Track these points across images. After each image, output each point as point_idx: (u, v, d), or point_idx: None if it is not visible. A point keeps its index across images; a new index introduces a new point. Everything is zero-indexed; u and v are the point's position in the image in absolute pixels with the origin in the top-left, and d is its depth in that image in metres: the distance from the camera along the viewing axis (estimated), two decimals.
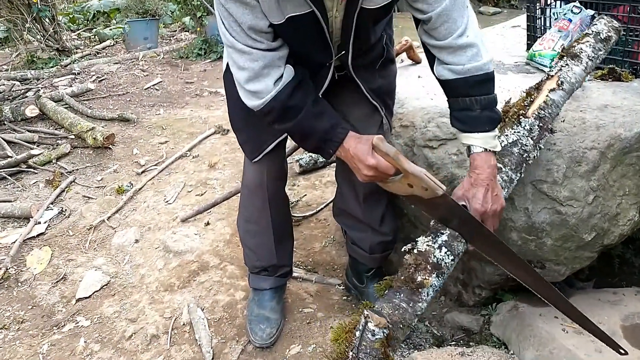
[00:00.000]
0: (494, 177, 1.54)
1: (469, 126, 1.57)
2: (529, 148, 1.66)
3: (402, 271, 1.50)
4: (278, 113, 1.54)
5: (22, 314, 2.44)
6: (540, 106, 1.69)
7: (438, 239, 1.53)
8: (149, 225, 2.98)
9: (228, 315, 2.29)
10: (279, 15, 1.44)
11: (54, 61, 5.74)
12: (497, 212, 1.55)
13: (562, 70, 1.71)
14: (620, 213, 1.80)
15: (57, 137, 4.08)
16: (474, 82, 1.54)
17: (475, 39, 1.53)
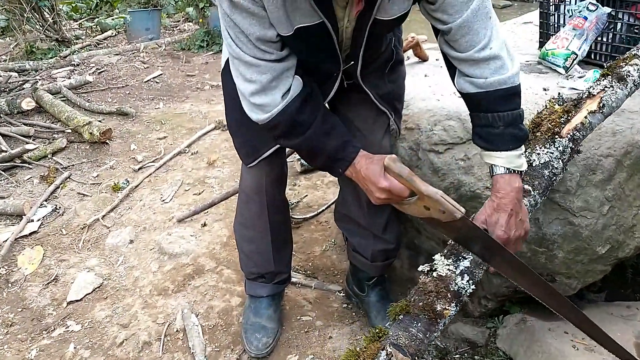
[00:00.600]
0: (519, 201, 1.43)
1: (492, 144, 1.45)
2: (558, 171, 1.56)
3: (421, 296, 1.41)
4: (285, 128, 1.44)
5: (12, 317, 2.36)
6: (577, 127, 1.57)
7: (460, 264, 1.44)
8: (145, 225, 2.89)
9: (223, 322, 2.21)
10: (287, 27, 1.34)
11: (53, 52, 5.64)
12: (521, 237, 1.45)
13: (605, 92, 1.57)
14: (636, 224, 1.71)
15: (54, 131, 3.99)
16: (497, 97, 1.42)
17: (500, 50, 1.41)
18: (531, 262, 1.73)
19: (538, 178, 1.53)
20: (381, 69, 1.75)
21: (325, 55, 1.49)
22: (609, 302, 2.02)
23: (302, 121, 1.43)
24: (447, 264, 1.45)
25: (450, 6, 1.36)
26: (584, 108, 1.57)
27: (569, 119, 1.57)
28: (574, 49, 2.15)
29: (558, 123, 1.56)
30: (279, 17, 1.31)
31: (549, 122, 1.58)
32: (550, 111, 1.61)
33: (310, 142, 1.46)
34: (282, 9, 1.30)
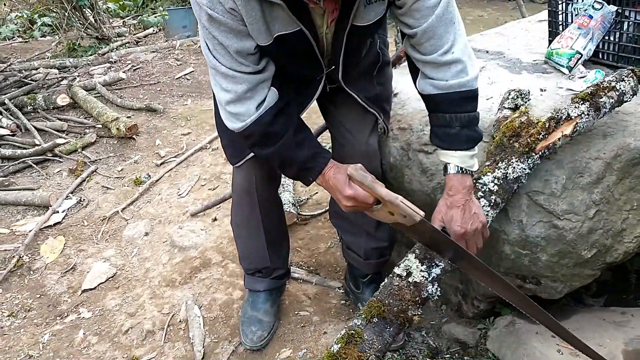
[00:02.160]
0: (469, 196, 1.49)
1: (447, 143, 1.52)
2: (523, 182, 1.62)
3: (396, 301, 1.48)
4: (258, 138, 1.50)
5: (30, 303, 2.50)
6: (549, 146, 1.59)
7: (432, 270, 1.52)
8: (160, 219, 2.99)
9: (224, 315, 2.27)
10: (267, 37, 1.39)
11: (92, 49, 5.85)
12: (479, 229, 1.49)
13: (582, 118, 1.58)
14: (626, 229, 1.67)
15: (85, 126, 4.15)
16: (455, 99, 1.48)
17: (461, 55, 1.47)
18: (515, 264, 1.72)
19: (507, 192, 1.59)
20: (369, 72, 1.78)
21: (307, 60, 1.53)
22: (604, 308, 1.98)
23: (275, 132, 1.48)
24: (422, 270, 1.51)
25: (417, 11, 1.41)
26: (560, 130, 1.58)
27: (546, 137, 1.57)
28: (578, 48, 2.11)
29: (536, 139, 1.58)
30: (258, 29, 1.36)
31: (528, 136, 1.59)
32: (529, 121, 1.61)
33: (282, 152, 1.51)
34: (261, 20, 1.34)
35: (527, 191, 1.65)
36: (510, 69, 2.23)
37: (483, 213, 1.51)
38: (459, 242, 1.50)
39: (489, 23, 6.83)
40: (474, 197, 1.52)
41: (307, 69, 1.60)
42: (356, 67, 1.71)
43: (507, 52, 2.46)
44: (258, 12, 1.33)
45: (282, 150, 1.50)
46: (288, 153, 1.50)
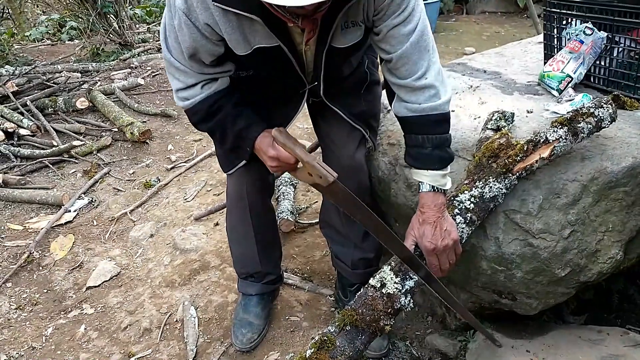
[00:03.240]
0: (441, 214, 1.57)
1: (420, 163, 1.61)
2: (501, 201, 1.68)
3: (369, 311, 1.56)
4: (203, 115, 1.64)
5: (37, 297, 2.61)
6: (526, 167, 1.65)
7: (406, 283, 1.60)
8: (166, 221, 3.10)
9: (218, 316, 2.36)
10: (245, 47, 1.50)
11: (115, 55, 6.03)
12: (449, 246, 1.57)
13: (559, 142, 1.65)
14: (600, 250, 1.72)
15: (102, 129, 4.29)
16: (428, 121, 1.57)
17: (435, 81, 1.56)
18: (491, 280, 1.78)
19: (484, 210, 1.65)
20: (356, 90, 1.87)
21: (287, 74, 1.63)
22: (582, 326, 2.02)
23: (217, 108, 1.62)
24: (395, 282, 1.57)
25: (393, 38, 1.50)
26: (538, 152, 1.64)
27: (524, 159, 1.64)
28: (569, 71, 2.17)
29: (514, 160, 1.64)
30: (236, 39, 1.46)
31: (506, 157, 1.65)
32: (509, 143, 1.68)
33: (221, 125, 1.65)
34: (238, 30, 1.44)
35: (505, 209, 1.71)
36: (503, 90, 2.29)
37: (456, 230, 1.58)
38: (429, 257, 1.58)
39: (506, 39, 6.86)
40: (447, 215, 1.59)
41: (289, 82, 1.69)
42: (340, 84, 1.80)
43: (503, 73, 2.53)
44: (235, 24, 1.43)
45: (222, 122, 1.64)
46: (226, 124, 1.64)
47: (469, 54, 6.29)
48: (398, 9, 1.47)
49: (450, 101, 1.59)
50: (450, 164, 1.64)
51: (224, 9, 1.37)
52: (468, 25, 7.68)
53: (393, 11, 1.47)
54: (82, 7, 6.08)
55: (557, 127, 1.68)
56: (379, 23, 1.51)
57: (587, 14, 2.16)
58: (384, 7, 1.47)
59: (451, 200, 1.66)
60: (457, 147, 1.90)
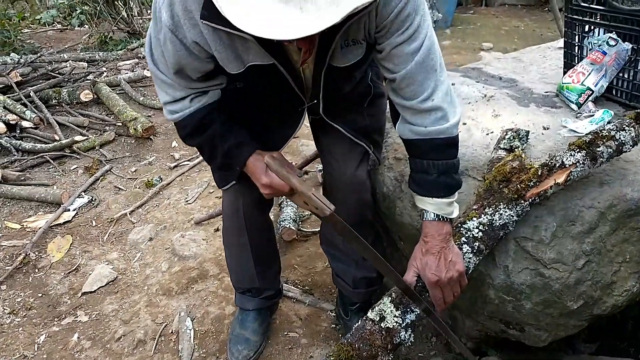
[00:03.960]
0: (446, 244, 1.46)
1: (424, 190, 1.50)
2: (511, 229, 1.57)
3: (366, 346, 1.47)
4: (191, 129, 1.55)
5: (32, 301, 2.55)
6: (540, 193, 1.54)
7: (407, 317, 1.51)
8: (166, 224, 3.02)
9: (214, 329, 2.29)
10: (238, 65, 1.40)
11: (123, 44, 5.94)
12: (454, 278, 1.46)
13: (576, 167, 1.53)
14: (616, 282, 1.62)
15: (106, 123, 4.22)
16: (434, 145, 1.46)
17: (442, 102, 1.44)
18: (499, 310, 1.68)
19: (493, 238, 1.54)
20: (358, 104, 1.77)
21: (284, 92, 1.52)
22: (593, 356, 1.92)
23: (206, 123, 1.54)
24: (396, 316, 1.49)
25: (396, 57, 1.39)
26: (553, 177, 1.53)
27: (537, 184, 1.53)
28: (589, 84, 2.04)
29: (527, 186, 1.53)
30: (227, 57, 1.36)
31: (518, 182, 1.54)
32: (522, 167, 1.57)
33: (210, 141, 1.56)
34: (230, 49, 1.34)
35: (515, 236, 1.60)
36: (519, 101, 2.17)
37: (462, 261, 1.48)
38: (432, 289, 1.48)
39: (525, 34, 6.69)
40: (453, 244, 1.49)
41: (286, 100, 1.59)
42: (341, 102, 1.69)
43: (520, 80, 2.41)
44: (227, 42, 1.33)
45: (211, 139, 1.56)
46: (216, 142, 1.55)
47: (486, 49, 6.13)
48: (402, 26, 1.35)
49: (459, 124, 1.48)
50: (458, 191, 1.54)
51: (213, 27, 1.27)
52: (486, 18, 7.49)
53: (397, 28, 1.36)
54: None
55: (574, 151, 1.56)
56: (382, 40, 1.40)
57: (611, 23, 2.03)
58: (386, 24, 1.35)
59: (458, 228, 1.55)
60: (467, 165, 1.79)
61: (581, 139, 1.59)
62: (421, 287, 1.52)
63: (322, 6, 1.01)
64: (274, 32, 1.02)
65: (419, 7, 1.36)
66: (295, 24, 1.01)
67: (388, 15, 1.33)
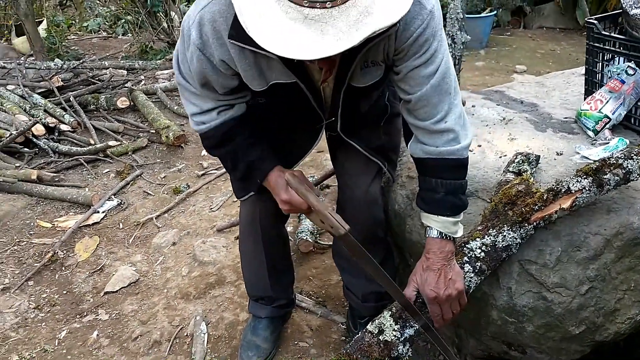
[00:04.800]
0: (448, 262, 1.50)
1: (431, 207, 1.55)
2: (515, 251, 1.60)
3: (363, 357, 1.52)
4: (216, 141, 1.62)
5: (56, 298, 2.66)
6: (545, 217, 1.57)
7: (405, 331, 1.54)
8: (189, 230, 3.11)
9: (227, 334, 2.35)
10: (261, 83, 1.48)
11: (162, 53, 6.12)
12: (452, 296, 1.50)
13: (582, 193, 1.56)
14: (620, 309, 1.62)
15: (140, 130, 4.36)
16: (444, 165, 1.52)
17: (454, 125, 1.50)
18: (501, 331, 1.70)
19: (495, 259, 1.57)
20: (375, 122, 1.82)
21: (305, 110, 1.59)
22: None
23: (231, 136, 1.60)
24: (394, 329, 1.52)
25: (412, 79, 1.44)
26: (558, 202, 1.56)
27: (542, 208, 1.55)
28: (607, 112, 2.06)
29: (531, 209, 1.56)
30: (252, 75, 1.43)
31: (523, 205, 1.57)
32: (527, 190, 1.59)
33: (233, 153, 1.63)
34: (255, 67, 1.42)
35: (520, 259, 1.63)
36: (536, 125, 2.19)
37: (462, 280, 1.51)
38: (430, 305, 1.52)
39: (561, 58, 6.63)
40: (454, 263, 1.52)
41: (306, 117, 1.66)
42: (358, 120, 1.75)
43: (541, 105, 2.42)
44: (252, 60, 1.41)
45: (234, 151, 1.62)
46: (239, 154, 1.62)
47: (519, 72, 6.10)
48: (420, 50, 1.40)
49: (469, 146, 1.53)
50: (464, 212, 1.58)
51: (240, 46, 1.34)
52: (523, 40, 7.45)
53: (414, 52, 1.41)
54: (133, 4, 6.20)
55: (581, 177, 1.58)
56: (400, 63, 1.46)
57: (631, 52, 2.04)
58: (405, 47, 1.41)
59: (461, 247, 1.59)
60: (477, 187, 1.82)
61: (588, 166, 1.61)
62: (421, 303, 1.56)
63: (343, 29, 1.08)
64: (295, 52, 1.09)
65: (437, 32, 1.41)
66: (315, 45, 1.08)
67: (407, 39, 1.38)
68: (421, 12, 1.35)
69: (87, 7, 9.26)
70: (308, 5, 1.07)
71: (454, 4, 3.14)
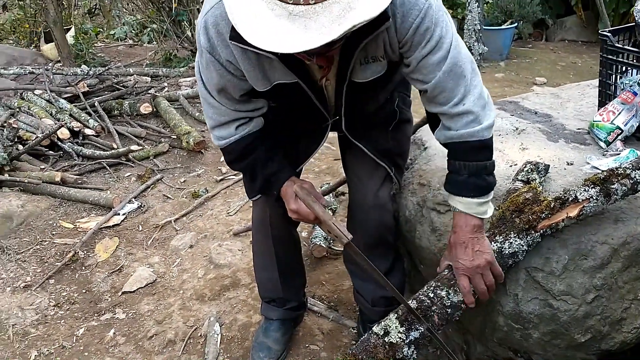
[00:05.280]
0: (475, 234, 1.56)
1: (455, 189, 1.60)
2: (521, 258, 1.63)
3: (368, 358, 1.55)
4: (236, 155, 1.69)
5: (75, 296, 2.74)
6: (551, 225, 1.60)
7: (411, 333, 1.58)
8: (206, 233, 3.17)
9: (240, 336, 2.39)
10: (265, 83, 1.54)
11: (185, 61, 6.23)
12: (481, 266, 1.54)
13: (589, 202, 1.58)
14: (626, 318, 1.63)
15: (162, 135, 4.45)
16: (466, 148, 1.56)
17: (473, 106, 1.52)
18: (507, 337, 1.72)
19: (501, 265, 1.59)
20: (383, 126, 1.86)
21: (308, 109, 1.64)
22: None
23: (250, 150, 1.67)
24: (400, 332, 1.55)
25: (424, 68, 1.48)
26: (565, 211, 1.58)
27: (549, 216, 1.58)
28: (619, 123, 2.07)
29: (538, 217, 1.59)
30: (255, 76, 1.49)
31: (530, 213, 1.60)
32: (535, 198, 1.62)
33: (252, 167, 1.70)
34: (258, 67, 1.48)
35: (527, 266, 1.65)
36: (549, 136, 2.21)
37: (491, 252, 1.56)
38: (459, 278, 1.58)
39: (582, 71, 6.60)
40: (483, 236, 1.57)
41: (310, 116, 1.71)
42: (366, 120, 1.80)
43: (555, 116, 2.44)
44: (255, 61, 1.46)
45: (253, 165, 1.69)
46: (257, 168, 1.69)
47: (539, 84, 6.09)
48: (423, 39, 1.44)
49: (492, 127, 1.56)
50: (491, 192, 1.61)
51: (242, 47, 1.40)
52: (544, 53, 7.42)
53: (419, 42, 1.45)
54: (158, 13, 6.35)
55: (588, 187, 1.60)
56: (409, 55, 1.49)
57: None
58: (407, 39, 1.45)
59: None
60: None
61: (596, 176, 1.63)
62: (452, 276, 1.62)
63: (325, 24, 1.14)
64: (278, 46, 1.16)
65: (438, 19, 1.44)
66: (298, 39, 1.15)
67: (407, 31, 1.43)
68: (417, 3, 1.39)
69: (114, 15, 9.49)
70: (292, 2, 1.14)
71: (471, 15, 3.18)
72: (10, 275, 2.89)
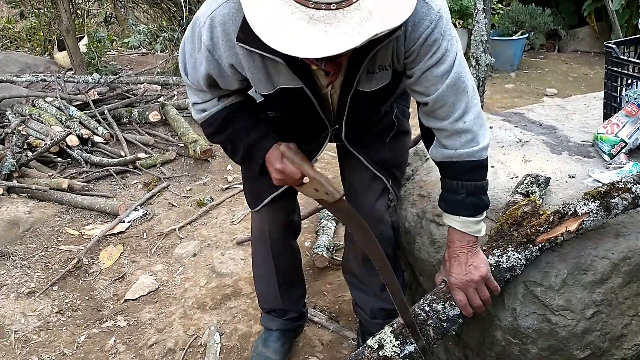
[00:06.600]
0: (470, 249, 1.55)
1: (452, 208, 1.58)
2: (519, 272, 1.61)
3: None
4: (217, 126, 1.64)
5: (78, 303, 2.75)
6: (550, 239, 1.58)
7: (405, 347, 1.55)
8: (209, 242, 3.17)
9: (240, 345, 2.39)
10: (268, 87, 1.51)
11: None
12: (475, 281, 1.53)
13: (589, 217, 1.55)
14: (626, 335, 1.60)
15: (169, 143, 4.47)
16: (463, 168, 1.54)
17: (473, 125, 1.51)
18: (505, 351, 1.69)
19: (499, 279, 1.58)
20: (381, 137, 1.84)
21: (310, 115, 1.62)
22: None
23: (231, 118, 1.62)
24: (394, 345, 1.54)
25: (427, 80, 1.46)
26: (564, 225, 1.56)
27: (548, 230, 1.56)
28: (623, 136, 2.04)
29: (537, 231, 1.56)
30: (260, 79, 1.48)
31: (529, 227, 1.58)
32: (534, 212, 1.60)
33: (233, 136, 1.64)
34: (262, 70, 1.46)
35: (525, 280, 1.62)
36: (552, 148, 2.19)
37: (486, 267, 1.54)
38: (453, 292, 1.57)
39: (593, 82, 6.54)
40: (478, 250, 1.56)
41: (311, 123, 1.69)
42: (365, 130, 1.78)
43: (559, 128, 2.41)
44: (260, 64, 1.45)
45: (234, 135, 1.63)
46: (239, 136, 1.63)
47: (549, 95, 6.05)
48: (430, 50, 1.42)
49: (488, 147, 1.55)
50: (486, 211, 1.61)
51: (248, 49, 1.39)
52: (555, 64, 7.38)
53: (425, 52, 1.43)
54: (170, 23, 6.38)
55: (588, 200, 1.58)
56: (412, 66, 1.47)
57: None
58: (415, 49, 1.42)
59: None
60: None
61: (596, 189, 1.61)
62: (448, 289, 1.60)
63: (347, 31, 1.12)
64: (298, 51, 1.13)
65: (446, 32, 1.42)
66: (319, 44, 1.12)
67: (416, 41, 1.40)
68: (429, 13, 1.37)
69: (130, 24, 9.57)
70: (313, 7, 1.12)
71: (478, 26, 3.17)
72: (15, 281, 2.91)
